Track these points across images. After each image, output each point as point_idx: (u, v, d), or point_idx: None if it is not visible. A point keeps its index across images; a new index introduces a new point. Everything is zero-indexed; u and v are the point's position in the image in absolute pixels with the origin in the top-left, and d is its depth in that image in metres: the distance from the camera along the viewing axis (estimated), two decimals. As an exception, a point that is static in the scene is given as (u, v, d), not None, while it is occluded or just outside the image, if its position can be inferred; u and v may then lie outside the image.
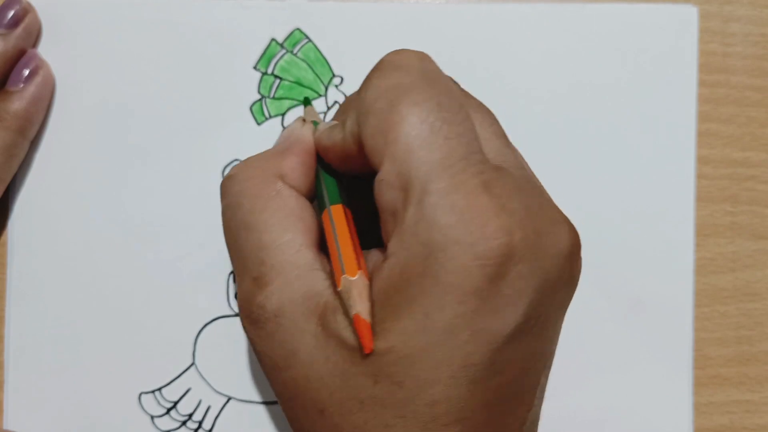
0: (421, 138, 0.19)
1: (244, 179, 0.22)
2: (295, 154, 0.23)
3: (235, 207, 0.22)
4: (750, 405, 0.30)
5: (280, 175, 0.22)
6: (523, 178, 0.20)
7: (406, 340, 0.18)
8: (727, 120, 0.31)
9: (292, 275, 0.20)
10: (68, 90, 0.30)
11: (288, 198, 0.22)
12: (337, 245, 0.20)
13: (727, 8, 0.31)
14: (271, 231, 0.21)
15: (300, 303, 0.20)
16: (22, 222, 0.30)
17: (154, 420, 0.30)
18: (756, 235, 0.31)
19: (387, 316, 0.18)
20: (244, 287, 0.21)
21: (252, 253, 0.21)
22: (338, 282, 0.19)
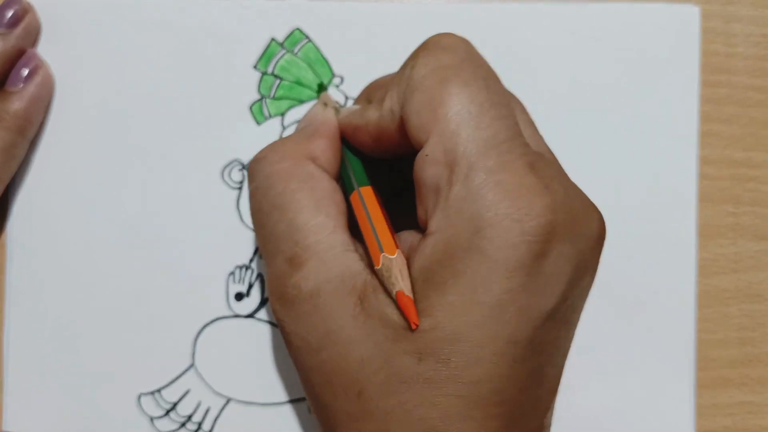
0: (471, 116, 0.19)
1: (275, 161, 0.22)
2: (324, 137, 0.23)
3: (267, 188, 0.22)
4: (752, 406, 0.30)
5: (312, 157, 0.22)
6: (557, 166, 0.21)
7: (452, 316, 0.18)
8: (729, 120, 0.31)
9: (327, 255, 0.20)
10: (68, 90, 0.30)
11: (320, 180, 0.22)
12: (371, 225, 0.21)
13: (729, 8, 0.31)
14: (305, 212, 0.21)
15: (337, 283, 0.20)
16: (22, 222, 0.30)
17: (154, 421, 0.29)
18: (758, 235, 0.31)
19: (430, 292, 0.18)
20: (277, 267, 0.21)
21: (285, 233, 0.21)
22: (376, 261, 0.20)
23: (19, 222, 0.30)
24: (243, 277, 0.30)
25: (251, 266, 0.30)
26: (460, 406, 0.18)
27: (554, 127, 0.30)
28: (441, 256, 0.18)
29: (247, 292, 0.30)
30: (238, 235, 0.30)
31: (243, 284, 0.30)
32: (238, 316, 0.30)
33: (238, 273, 0.30)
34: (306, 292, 0.20)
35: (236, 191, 0.30)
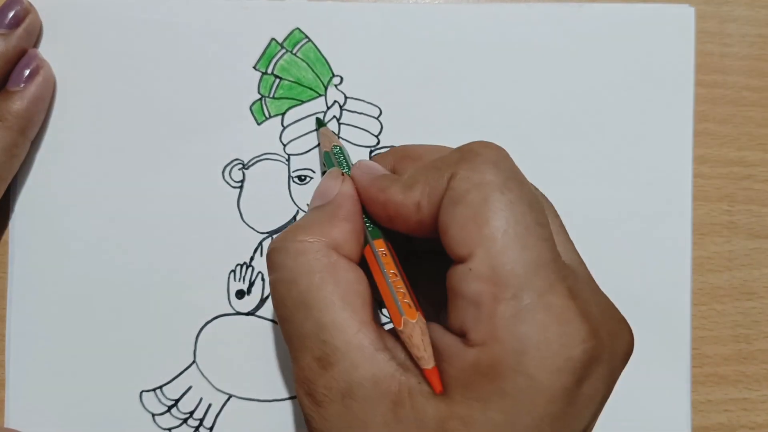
0: (517, 238, 0.19)
1: (296, 252, 0.21)
2: (345, 220, 0.22)
3: (290, 283, 0.21)
4: (747, 403, 0.31)
5: (335, 246, 0.22)
6: (589, 279, 0.21)
7: (491, 431, 0.18)
8: (724, 120, 0.31)
9: (358, 357, 0.20)
10: (69, 90, 0.30)
11: (345, 271, 0.21)
12: (388, 283, 0.21)
13: (724, 9, 0.31)
14: (330, 310, 0.20)
15: (370, 386, 0.19)
16: (23, 221, 0.30)
17: (155, 418, 0.30)
18: (753, 234, 0.31)
19: (472, 402, 0.18)
20: (305, 366, 0.20)
21: (312, 332, 0.20)
22: (397, 322, 0.20)
23: (21, 221, 0.30)
24: (244, 274, 0.30)
25: (252, 264, 0.30)
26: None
27: (550, 126, 0.30)
28: (485, 371, 0.18)
29: (247, 290, 0.30)
30: (238, 234, 0.30)
31: (244, 282, 0.30)
32: (239, 314, 0.30)
33: (238, 271, 0.30)
34: (337, 393, 0.20)
35: (237, 190, 0.30)
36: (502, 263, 0.19)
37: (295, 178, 0.30)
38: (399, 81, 0.30)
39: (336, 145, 0.27)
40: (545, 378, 0.18)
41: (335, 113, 0.30)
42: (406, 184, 0.22)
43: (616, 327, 0.20)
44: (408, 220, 0.22)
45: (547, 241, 0.20)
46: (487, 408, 0.18)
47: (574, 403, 0.18)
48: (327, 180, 0.24)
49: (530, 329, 0.18)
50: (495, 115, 0.30)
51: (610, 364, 0.19)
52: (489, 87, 0.30)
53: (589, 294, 0.20)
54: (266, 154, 0.30)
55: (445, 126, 0.30)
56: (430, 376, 0.19)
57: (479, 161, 0.20)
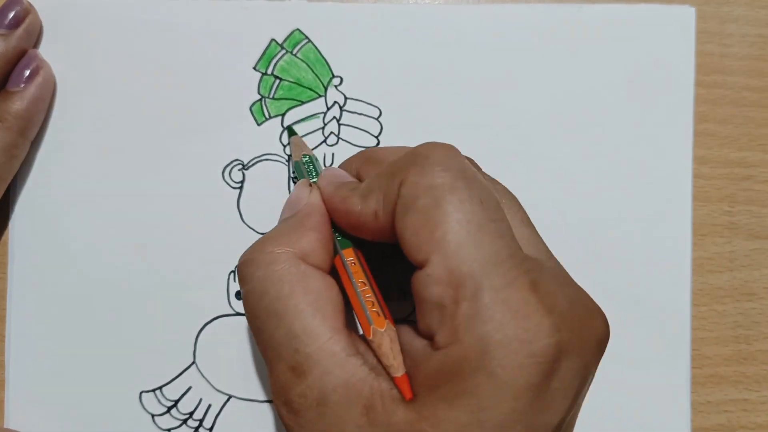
0: (471, 236, 0.19)
1: (265, 263, 0.21)
2: (313, 230, 0.23)
3: (260, 294, 0.21)
4: (747, 404, 0.31)
5: (302, 255, 0.22)
6: (557, 270, 0.21)
7: (459, 430, 0.18)
8: (725, 120, 0.31)
9: (330, 364, 0.20)
10: (69, 90, 0.30)
11: (314, 279, 0.21)
12: (357, 293, 0.21)
13: (724, 9, 0.31)
14: (301, 318, 0.20)
15: (342, 392, 0.20)
16: (23, 222, 0.30)
17: (155, 419, 0.30)
18: (753, 234, 0.31)
19: (438, 404, 0.18)
20: (280, 375, 0.21)
21: (284, 341, 0.20)
22: (366, 331, 0.20)
23: (21, 221, 0.30)
24: (243, 275, 0.30)
25: (251, 265, 0.30)
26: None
27: (550, 127, 0.30)
28: (449, 371, 0.19)
29: (247, 291, 0.30)
30: (238, 234, 0.30)
31: (243, 283, 0.30)
32: (238, 314, 0.30)
33: (238, 272, 0.30)
34: (311, 401, 0.20)
35: (236, 190, 0.30)
36: (458, 264, 0.19)
37: (295, 178, 0.30)
38: (399, 82, 0.30)
39: (306, 154, 0.27)
40: (508, 375, 0.18)
41: (335, 114, 0.30)
42: (362, 193, 0.22)
43: (587, 317, 0.20)
44: (369, 229, 0.22)
45: (504, 237, 0.19)
46: (453, 408, 0.18)
47: (543, 398, 0.18)
48: (295, 191, 0.24)
49: (490, 328, 0.18)
50: (495, 116, 0.30)
51: (581, 357, 0.19)
52: (489, 88, 0.30)
53: (556, 286, 0.20)
54: (266, 155, 0.30)
55: (445, 126, 0.30)
56: (400, 384, 0.19)
57: (427, 164, 0.20)
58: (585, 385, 0.20)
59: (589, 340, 0.20)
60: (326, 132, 0.30)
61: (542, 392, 0.18)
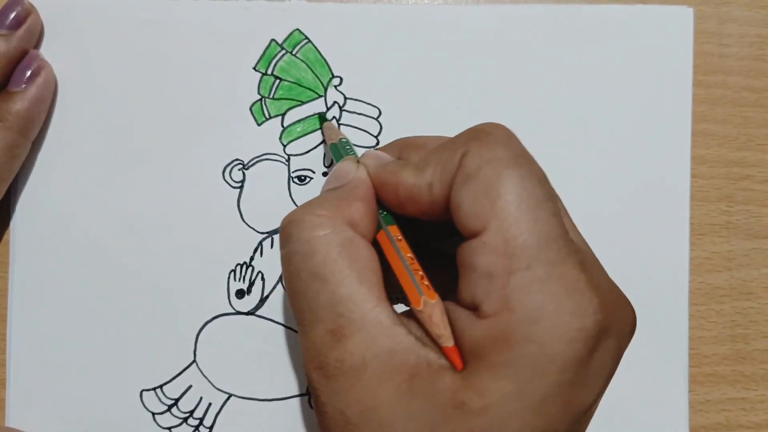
0: (530, 210, 0.19)
1: (313, 225, 0.21)
2: (362, 200, 0.22)
3: (306, 255, 0.21)
4: (745, 403, 0.31)
5: (351, 222, 0.22)
6: (594, 258, 0.22)
7: (503, 402, 0.18)
8: (723, 120, 0.31)
9: (374, 330, 0.20)
10: (70, 90, 0.30)
11: (361, 248, 0.21)
12: (405, 265, 0.21)
13: (723, 9, 0.31)
14: (347, 283, 0.20)
15: (385, 359, 0.19)
16: (24, 221, 0.30)
17: (156, 417, 0.30)
18: (751, 234, 0.31)
19: (484, 372, 0.19)
20: (316, 338, 0.20)
21: (326, 304, 0.20)
22: (416, 302, 0.20)
23: (22, 221, 0.30)
24: (244, 274, 0.30)
25: (252, 264, 0.30)
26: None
27: (549, 127, 0.31)
28: (498, 341, 0.19)
29: (247, 290, 0.30)
30: (238, 234, 0.30)
31: (244, 282, 0.30)
32: (239, 313, 0.30)
33: (238, 270, 0.30)
34: (349, 366, 0.20)
35: (237, 190, 0.30)
36: (515, 235, 0.19)
37: (294, 178, 0.30)
38: (398, 82, 0.30)
39: (342, 138, 0.27)
40: (557, 347, 0.18)
41: (335, 114, 0.30)
42: (417, 166, 0.22)
43: (622, 305, 0.21)
44: (420, 202, 0.22)
45: (557, 216, 0.20)
46: (498, 377, 0.18)
47: (585, 374, 0.19)
48: (342, 164, 0.24)
49: (543, 299, 0.18)
50: (494, 116, 0.30)
51: (617, 338, 0.20)
52: (488, 88, 0.31)
53: (597, 270, 0.20)
54: (266, 155, 0.30)
55: (445, 127, 0.30)
56: (451, 354, 0.19)
57: (490, 139, 0.21)
58: (616, 367, 0.20)
59: (624, 324, 0.20)
60: (326, 132, 0.31)
61: (584, 368, 0.19)
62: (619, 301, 0.21)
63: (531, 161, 0.21)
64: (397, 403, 0.19)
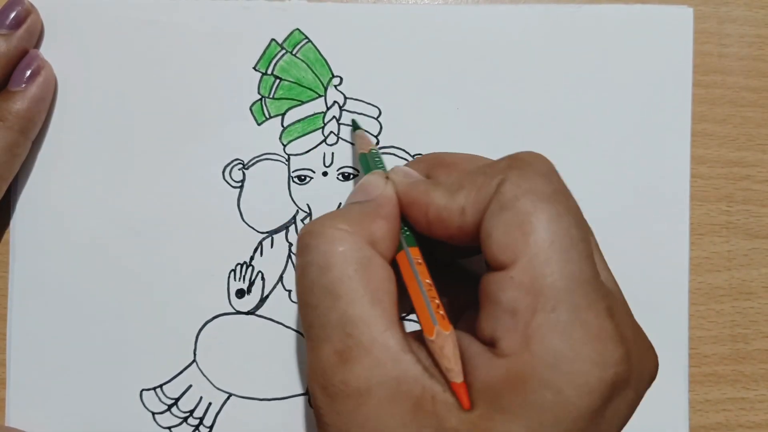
0: (562, 250, 0.19)
1: (333, 239, 0.21)
2: (385, 219, 0.22)
3: (322, 268, 0.20)
4: (745, 403, 0.31)
5: (372, 240, 0.21)
6: (624, 302, 0.21)
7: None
8: (723, 120, 0.31)
9: (382, 356, 0.19)
10: (70, 90, 0.30)
11: (379, 268, 0.21)
12: (423, 292, 0.21)
13: (722, 9, 0.31)
14: (360, 304, 0.20)
15: (392, 386, 0.19)
16: (25, 221, 0.30)
17: (155, 417, 0.30)
18: (751, 234, 0.31)
19: (496, 414, 0.18)
20: (324, 357, 0.20)
21: (336, 323, 0.20)
22: (428, 331, 0.20)
23: (22, 220, 0.30)
24: (244, 274, 0.30)
25: (252, 264, 0.30)
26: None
27: (549, 127, 0.31)
28: (514, 381, 0.18)
29: (247, 290, 0.30)
30: (238, 233, 0.30)
31: (244, 281, 0.30)
32: (239, 313, 0.30)
33: (238, 270, 0.30)
34: (354, 389, 0.19)
35: (237, 190, 0.30)
36: (544, 274, 0.19)
37: (294, 178, 0.30)
38: (398, 82, 0.30)
39: (373, 149, 0.27)
40: (574, 395, 0.18)
41: (335, 114, 0.30)
42: (450, 188, 0.21)
43: (645, 352, 0.20)
44: (449, 226, 0.21)
45: (589, 258, 0.19)
46: (510, 421, 0.18)
47: (597, 424, 0.18)
48: (370, 178, 0.24)
49: (565, 344, 0.18)
50: (494, 116, 0.31)
51: (636, 389, 0.19)
52: (488, 88, 0.31)
53: (624, 317, 0.20)
54: (266, 154, 0.30)
55: (445, 127, 0.30)
56: (459, 391, 0.19)
57: (530, 170, 0.20)
58: (630, 417, 0.20)
59: (644, 375, 0.20)
60: (326, 132, 0.31)
61: (598, 418, 0.18)
62: (642, 350, 0.20)
63: (569, 198, 0.20)
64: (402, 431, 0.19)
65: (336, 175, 0.30)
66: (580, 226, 0.20)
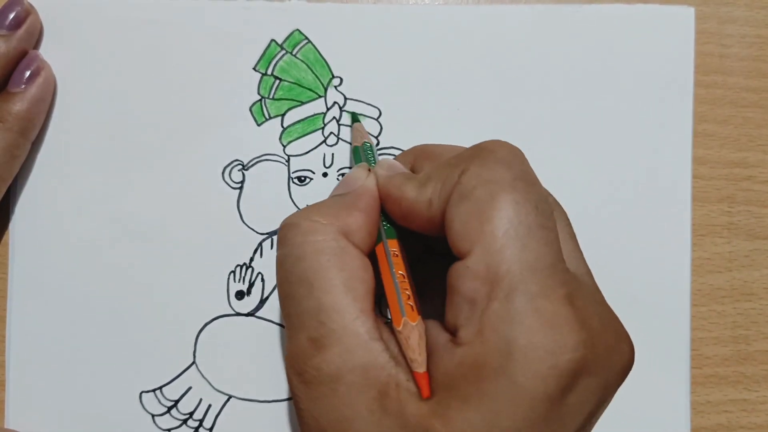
0: (518, 238, 0.19)
1: (308, 231, 0.21)
2: (362, 211, 0.22)
3: (296, 259, 0.21)
4: (747, 404, 0.31)
5: (346, 232, 0.22)
6: (594, 289, 0.21)
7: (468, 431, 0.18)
8: (724, 121, 0.31)
9: (352, 343, 0.20)
10: (69, 91, 0.30)
11: (351, 257, 0.21)
12: (395, 283, 0.21)
13: (723, 9, 0.31)
14: (332, 292, 0.20)
15: (359, 373, 0.19)
16: (24, 222, 0.30)
17: (155, 419, 0.30)
18: (752, 235, 0.31)
19: (452, 402, 0.18)
20: (299, 344, 0.20)
21: (310, 311, 0.20)
22: (396, 321, 0.20)
23: (21, 222, 0.30)
24: (243, 275, 0.30)
25: (251, 265, 0.30)
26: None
27: (550, 127, 0.31)
28: (468, 369, 0.18)
29: (247, 291, 0.30)
30: (238, 235, 0.30)
31: (243, 283, 0.30)
32: (238, 315, 0.30)
33: (238, 272, 0.30)
34: (326, 375, 0.20)
35: (236, 191, 0.30)
36: (498, 262, 0.19)
37: (294, 179, 0.30)
38: (398, 82, 0.30)
39: (366, 142, 0.28)
40: (527, 384, 0.18)
41: (335, 114, 0.30)
42: (420, 181, 0.22)
43: (614, 340, 0.20)
44: (420, 218, 0.22)
45: (550, 245, 0.19)
46: (466, 408, 0.18)
47: (558, 412, 0.18)
48: (353, 171, 0.24)
49: (518, 332, 0.18)
50: (494, 117, 0.31)
51: (602, 378, 0.19)
52: (488, 88, 0.31)
53: (590, 304, 0.20)
54: (266, 155, 0.30)
55: (444, 127, 0.30)
56: (420, 380, 0.19)
57: (491, 159, 0.21)
58: (601, 406, 0.20)
59: (612, 363, 0.20)
60: (326, 132, 0.30)
61: (557, 406, 0.18)
62: (612, 338, 0.20)
63: (530, 185, 0.20)
64: (368, 418, 0.19)
65: (336, 176, 0.30)
66: (541, 213, 0.20)
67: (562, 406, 0.18)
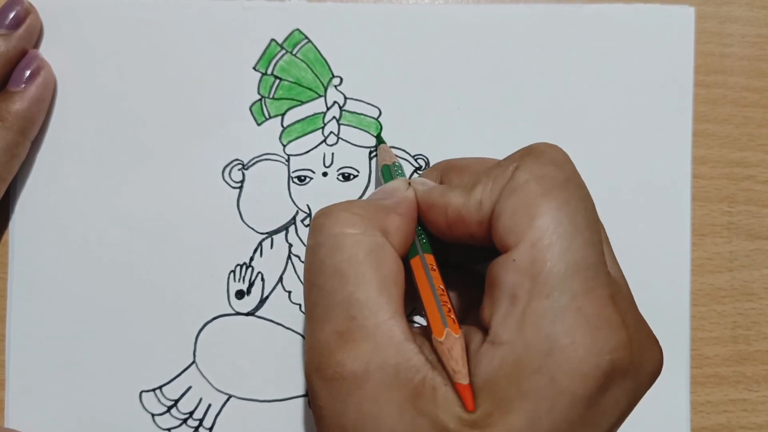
0: (566, 236, 0.19)
1: (346, 222, 0.21)
2: (401, 214, 0.22)
3: (332, 249, 0.20)
4: (747, 404, 0.31)
5: (384, 230, 0.21)
6: (629, 293, 0.21)
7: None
8: (725, 120, 0.31)
9: (384, 342, 0.19)
10: (69, 90, 0.30)
11: (388, 256, 0.21)
12: (435, 296, 0.21)
13: (724, 9, 0.31)
14: (367, 288, 0.20)
15: (391, 372, 0.19)
16: (24, 222, 0.30)
17: (155, 418, 0.30)
18: (753, 234, 0.31)
19: (494, 408, 0.18)
20: (323, 336, 0.20)
21: (341, 304, 0.20)
22: (438, 332, 0.20)
23: (21, 221, 0.30)
24: (243, 275, 0.30)
25: (251, 264, 0.30)
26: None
27: (550, 127, 0.31)
28: (509, 371, 0.18)
29: (247, 291, 0.30)
30: (238, 234, 0.30)
31: (243, 282, 0.30)
32: (238, 314, 0.30)
33: (238, 271, 0.30)
34: (349, 372, 0.19)
35: (236, 190, 0.30)
36: (544, 259, 0.19)
37: (294, 178, 0.30)
38: (398, 82, 0.30)
39: (395, 162, 0.28)
40: (568, 383, 0.18)
41: (335, 114, 0.30)
42: (467, 186, 0.22)
43: (648, 345, 0.20)
44: (468, 223, 0.21)
45: (595, 246, 0.19)
46: (508, 412, 0.18)
47: (594, 412, 0.18)
48: (394, 182, 0.24)
49: (559, 330, 0.18)
50: (494, 116, 0.31)
51: (636, 380, 0.19)
52: (488, 88, 0.31)
53: (628, 306, 0.20)
54: (266, 155, 0.30)
55: (445, 127, 0.30)
56: (464, 393, 0.19)
57: (544, 158, 0.21)
58: (630, 409, 0.20)
59: (645, 367, 0.20)
60: (326, 132, 0.30)
61: (594, 406, 0.18)
62: (646, 343, 0.20)
63: (580, 187, 0.21)
64: (398, 418, 0.19)
65: (336, 175, 0.30)
66: (589, 214, 0.20)
67: (598, 406, 0.18)
